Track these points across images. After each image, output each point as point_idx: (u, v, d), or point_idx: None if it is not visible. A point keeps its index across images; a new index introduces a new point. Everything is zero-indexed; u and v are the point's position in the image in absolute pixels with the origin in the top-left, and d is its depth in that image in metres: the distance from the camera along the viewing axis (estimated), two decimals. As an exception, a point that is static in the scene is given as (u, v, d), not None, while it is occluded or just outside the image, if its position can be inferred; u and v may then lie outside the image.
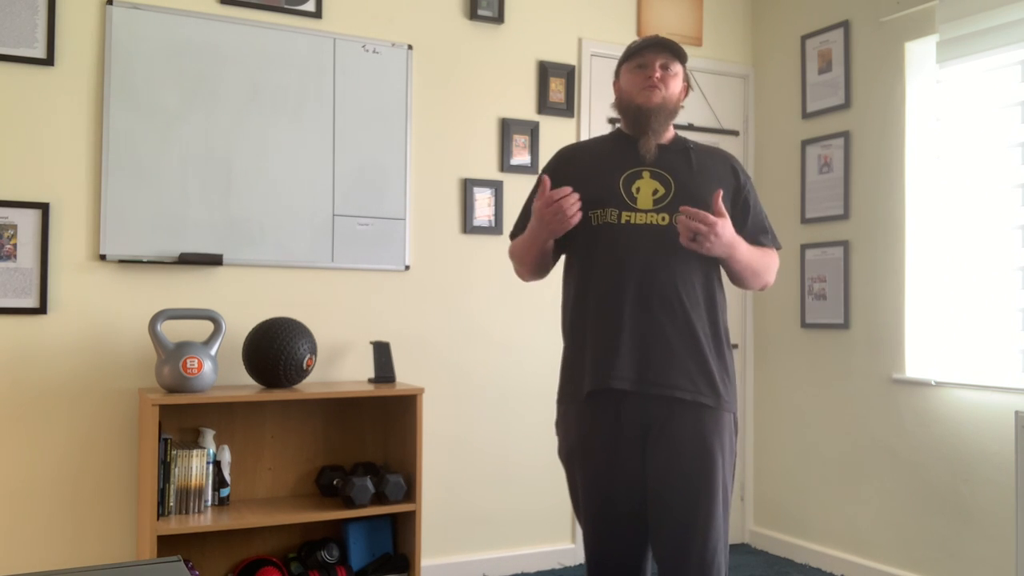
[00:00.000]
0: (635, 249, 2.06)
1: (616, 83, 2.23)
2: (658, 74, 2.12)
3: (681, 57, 2.15)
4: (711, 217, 1.98)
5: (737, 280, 2.20)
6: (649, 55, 2.13)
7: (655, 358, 2.03)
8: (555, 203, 1.99)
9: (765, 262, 2.20)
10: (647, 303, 2.04)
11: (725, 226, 2.01)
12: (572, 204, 2.00)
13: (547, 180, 2.03)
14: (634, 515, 2.10)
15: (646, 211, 2.08)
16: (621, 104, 2.19)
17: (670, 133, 2.20)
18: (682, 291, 2.05)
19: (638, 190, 2.10)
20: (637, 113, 2.13)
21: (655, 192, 2.09)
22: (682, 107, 2.21)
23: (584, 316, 2.12)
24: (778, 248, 2.27)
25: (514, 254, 2.28)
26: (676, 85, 2.15)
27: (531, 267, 2.22)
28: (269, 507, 3.09)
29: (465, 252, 3.68)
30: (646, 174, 2.11)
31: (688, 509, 2.02)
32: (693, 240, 1.99)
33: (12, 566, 2.91)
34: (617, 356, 2.04)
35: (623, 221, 2.07)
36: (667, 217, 2.07)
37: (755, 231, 2.21)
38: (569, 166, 2.22)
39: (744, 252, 2.11)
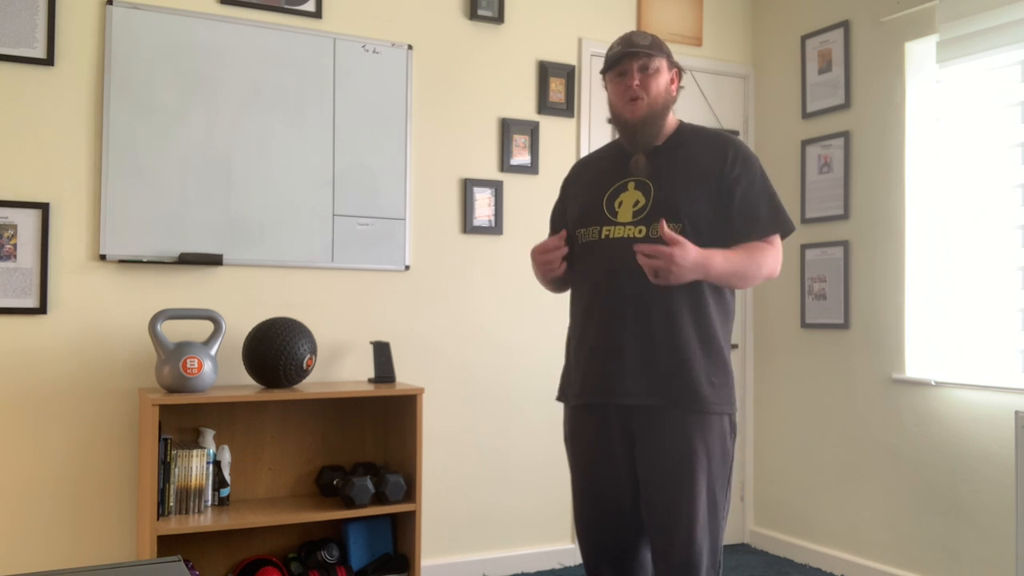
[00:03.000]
0: (611, 263, 2.10)
1: (605, 88, 2.23)
2: (637, 81, 2.11)
3: (658, 50, 2.12)
4: (664, 249, 1.93)
5: (730, 288, 2.14)
6: (626, 62, 2.12)
7: (630, 370, 2.07)
8: (546, 254, 2.13)
9: (752, 261, 2.08)
10: (623, 316, 2.08)
11: (684, 252, 1.94)
12: (558, 259, 2.12)
13: (559, 239, 2.13)
14: (620, 505, 2.14)
15: (624, 224, 2.10)
16: (612, 115, 2.21)
17: (671, 126, 2.18)
18: (658, 301, 2.05)
19: (620, 204, 2.13)
20: (625, 127, 2.16)
21: (636, 203, 2.11)
22: (682, 88, 2.20)
23: (573, 328, 2.24)
24: (782, 232, 2.12)
25: (535, 271, 2.32)
26: (660, 82, 2.12)
27: (547, 287, 2.35)
28: (269, 507, 3.09)
29: (465, 252, 3.68)
30: (631, 185, 2.14)
31: (670, 509, 2.05)
32: (656, 276, 1.97)
33: (12, 566, 2.91)
34: (596, 371, 2.13)
35: (603, 236, 2.12)
36: (644, 229, 2.07)
37: (743, 222, 2.09)
38: (574, 182, 2.33)
39: (719, 266, 2.02)
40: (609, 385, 2.09)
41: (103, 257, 3.06)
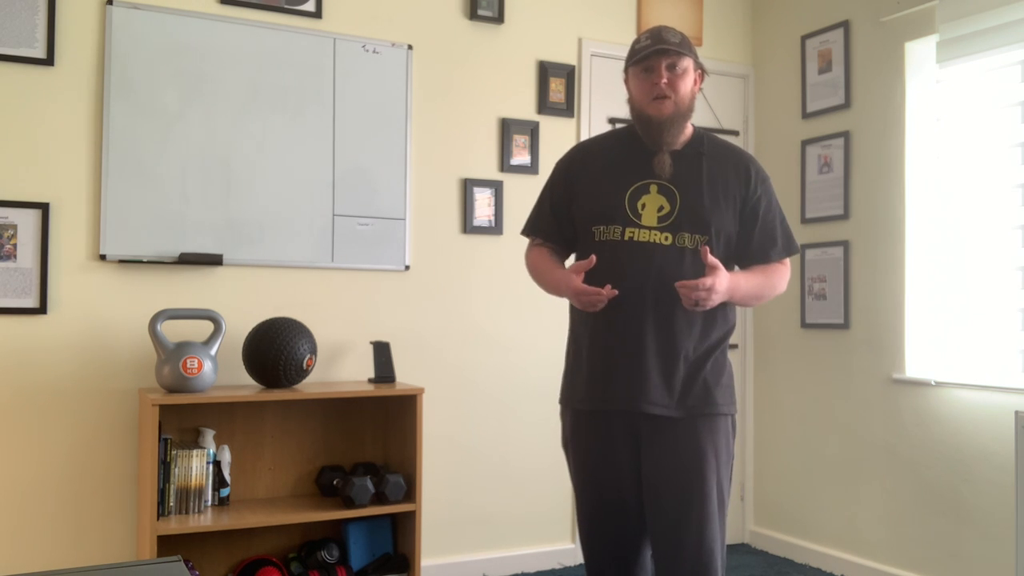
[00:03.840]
0: (634, 267, 2.06)
1: (626, 82, 2.19)
2: (665, 79, 2.06)
3: (688, 49, 2.09)
4: (706, 281, 1.95)
5: (744, 306, 2.20)
6: (654, 59, 2.07)
7: (653, 380, 2.06)
8: (592, 296, 1.99)
9: (769, 283, 2.17)
10: (645, 322, 2.06)
11: (720, 280, 1.98)
12: (604, 300, 2.00)
13: (606, 291, 1.98)
14: (624, 506, 2.12)
15: (649, 228, 2.07)
16: (633, 110, 2.15)
17: (687, 132, 2.16)
18: (679, 309, 2.05)
19: (643, 206, 2.08)
20: (648, 125, 2.10)
21: (660, 208, 2.08)
22: (700, 90, 2.19)
23: (583, 329, 2.17)
24: (793, 254, 2.23)
25: (534, 272, 2.29)
26: (687, 83, 2.10)
27: (547, 293, 2.28)
28: (269, 507, 3.09)
29: (465, 252, 3.68)
30: (653, 188, 2.09)
31: (682, 509, 2.04)
32: (695, 305, 1.98)
33: (13, 566, 2.91)
34: (609, 378, 2.09)
35: (626, 238, 2.07)
36: (670, 236, 2.06)
37: (763, 244, 2.17)
38: (582, 169, 2.21)
39: (743, 289, 2.09)
40: (631, 394, 2.06)
41: (103, 257, 3.06)
